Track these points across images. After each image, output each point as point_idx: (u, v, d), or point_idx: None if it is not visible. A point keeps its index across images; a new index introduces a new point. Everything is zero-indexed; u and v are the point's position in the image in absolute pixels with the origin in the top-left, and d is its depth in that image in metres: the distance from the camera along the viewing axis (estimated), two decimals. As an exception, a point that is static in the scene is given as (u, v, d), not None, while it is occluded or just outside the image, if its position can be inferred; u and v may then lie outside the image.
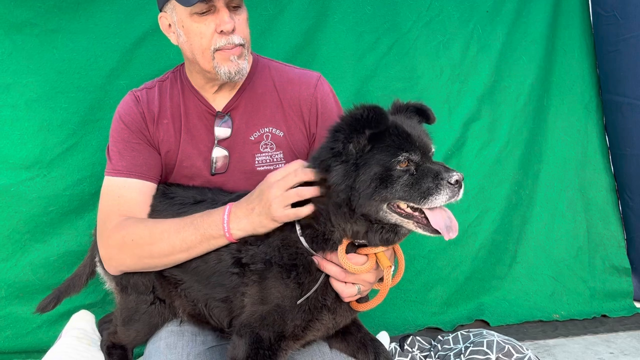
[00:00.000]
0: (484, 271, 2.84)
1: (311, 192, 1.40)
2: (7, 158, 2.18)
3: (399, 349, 2.33)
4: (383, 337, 2.29)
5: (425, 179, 1.29)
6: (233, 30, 1.60)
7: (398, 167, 1.30)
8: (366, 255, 1.41)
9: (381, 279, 1.51)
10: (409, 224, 1.33)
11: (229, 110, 1.74)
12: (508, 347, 2.05)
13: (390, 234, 1.36)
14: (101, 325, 2.04)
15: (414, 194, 1.29)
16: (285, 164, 1.74)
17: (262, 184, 1.47)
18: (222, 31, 1.58)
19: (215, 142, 1.73)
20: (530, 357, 2.02)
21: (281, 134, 1.74)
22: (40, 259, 2.23)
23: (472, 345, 2.13)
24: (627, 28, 2.85)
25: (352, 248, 1.43)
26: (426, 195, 1.28)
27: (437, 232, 1.31)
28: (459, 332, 2.32)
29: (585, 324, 2.77)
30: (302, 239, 1.42)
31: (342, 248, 1.38)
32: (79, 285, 1.93)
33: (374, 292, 1.54)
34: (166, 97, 1.76)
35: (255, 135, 1.74)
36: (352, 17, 2.66)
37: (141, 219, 1.64)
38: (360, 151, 1.33)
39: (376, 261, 1.43)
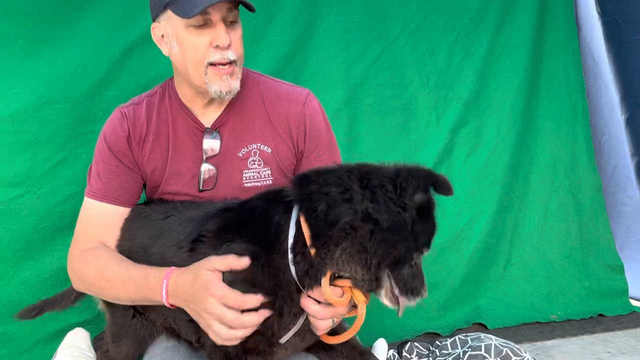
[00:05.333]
0: (478, 274, 2.85)
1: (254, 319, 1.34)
2: (-4, 175, 2.14)
3: (397, 355, 2.32)
4: (381, 344, 2.28)
5: (417, 280, 1.32)
6: (229, 46, 1.57)
7: (416, 254, 1.30)
8: (342, 287, 1.37)
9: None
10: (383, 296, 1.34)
11: (217, 127, 1.72)
12: (506, 351, 2.05)
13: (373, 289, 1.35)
14: (96, 342, 2.01)
15: (408, 284, 1.30)
16: (272, 180, 1.73)
17: (201, 290, 1.35)
18: (217, 45, 1.56)
19: (204, 158, 1.71)
20: (528, 359, 2.02)
21: (269, 150, 1.72)
22: (33, 276, 2.19)
23: (470, 349, 2.13)
24: (629, 31, 2.96)
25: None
26: (409, 291, 1.31)
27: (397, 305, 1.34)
28: (456, 337, 2.32)
29: (583, 323, 2.79)
30: (292, 268, 1.35)
31: (326, 279, 1.33)
32: (67, 301, 1.89)
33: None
34: (153, 113, 1.73)
35: (243, 151, 1.72)
36: (340, 25, 2.68)
37: (98, 254, 1.62)
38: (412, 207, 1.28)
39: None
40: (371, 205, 1.26)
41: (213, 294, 1.34)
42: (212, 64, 1.57)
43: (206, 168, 1.71)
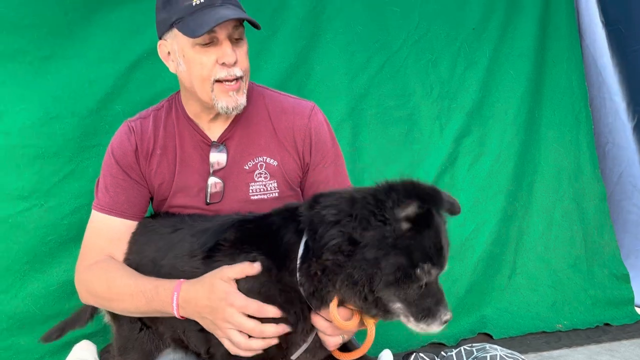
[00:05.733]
0: (483, 283, 2.85)
1: (276, 330, 1.35)
2: (4, 189, 2.15)
3: (403, 366, 2.32)
4: (386, 355, 2.27)
5: (429, 300, 1.26)
6: (235, 63, 1.59)
7: (418, 271, 1.23)
8: (351, 309, 1.38)
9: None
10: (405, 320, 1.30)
11: (224, 140, 1.73)
12: (512, 361, 2.04)
13: (383, 315, 1.33)
14: (103, 355, 2.02)
15: (419, 307, 1.26)
16: (279, 193, 1.74)
17: (218, 300, 1.37)
18: (223, 63, 1.58)
19: (211, 171, 1.72)
20: (535, 369, 2.02)
21: (275, 163, 1.74)
22: (40, 289, 2.20)
23: None
24: (633, 40, 3.00)
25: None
26: (423, 315, 1.27)
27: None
28: (462, 348, 2.31)
29: (589, 333, 2.78)
30: (300, 289, 1.36)
31: (334, 304, 1.33)
32: (84, 319, 1.92)
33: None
34: (160, 127, 1.75)
35: (250, 164, 1.73)
36: (343, 37, 2.70)
37: (107, 267, 1.64)
38: (403, 224, 1.24)
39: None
40: (353, 224, 1.25)
41: (232, 304, 1.35)
42: (218, 81, 1.59)
43: (213, 181, 1.72)
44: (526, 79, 2.98)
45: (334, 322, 1.35)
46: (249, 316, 1.36)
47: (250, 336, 1.37)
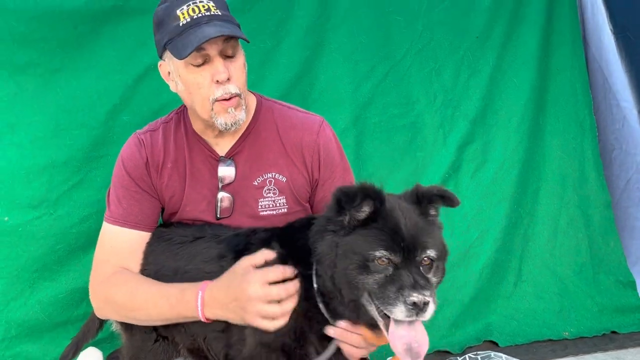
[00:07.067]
0: (488, 291, 2.85)
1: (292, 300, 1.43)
2: (15, 198, 2.19)
3: (408, 374, 2.32)
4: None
5: (391, 287, 1.24)
6: (229, 79, 1.60)
7: (376, 262, 1.27)
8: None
9: None
10: (381, 323, 1.30)
11: (232, 155, 1.76)
12: (517, 369, 2.04)
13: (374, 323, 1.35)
14: (109, 361, 2.05)
15: (380, 295, 1.25)
16: (287, 209, 1.76)
17: (239, 284, 1.45)
18: (217, 81, 1.59)
19: (220, 186, 1.74)
20: (540, 377, 2.01)
21: (284, 179, 1.76)
22: (49, 297, 2.23)
23: (481, 368, 2.12)
24: None
25: None
26: (385, 303, 1.24)
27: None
28: (467, 355, 2.31)
29: (595, 341, 2.76)
30: (321, 306, 1.43)
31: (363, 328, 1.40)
32: (94, 329, 1.95)
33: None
34: (170, 140, 1.77)
35: (259, 180, 1.75)
36: (347, 46, 2.72)
37: (127, 278, 1.66)
38: (352, 225, 1.33)
39: None
40: (317, 242, 1.41)
41: (254, 278, 1.42)
42: (217, 100, 1.61)
43: (222, 196, 1.74)
44: (530, 87, 2.99)
45: (368, 339, 1.41)
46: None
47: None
